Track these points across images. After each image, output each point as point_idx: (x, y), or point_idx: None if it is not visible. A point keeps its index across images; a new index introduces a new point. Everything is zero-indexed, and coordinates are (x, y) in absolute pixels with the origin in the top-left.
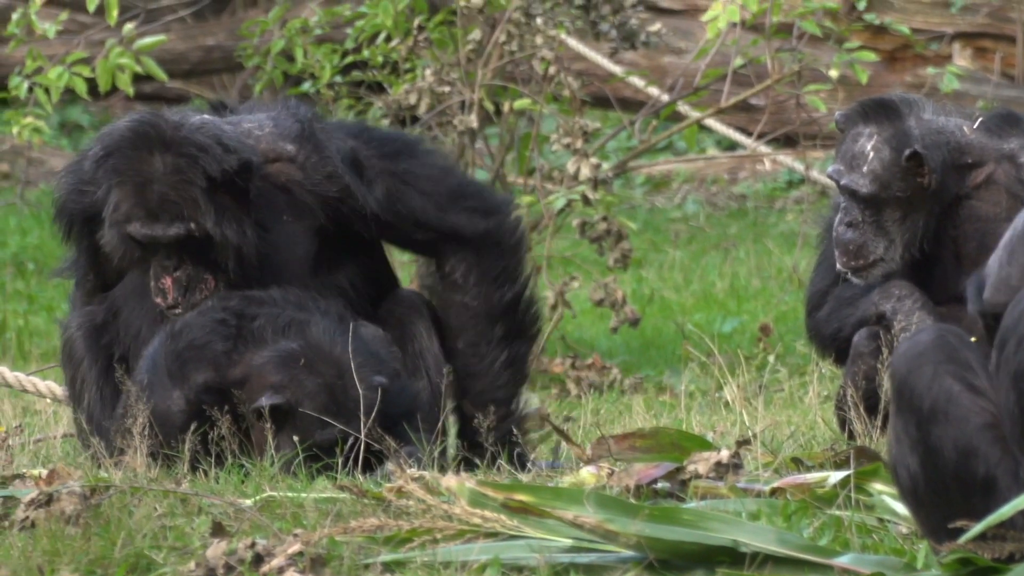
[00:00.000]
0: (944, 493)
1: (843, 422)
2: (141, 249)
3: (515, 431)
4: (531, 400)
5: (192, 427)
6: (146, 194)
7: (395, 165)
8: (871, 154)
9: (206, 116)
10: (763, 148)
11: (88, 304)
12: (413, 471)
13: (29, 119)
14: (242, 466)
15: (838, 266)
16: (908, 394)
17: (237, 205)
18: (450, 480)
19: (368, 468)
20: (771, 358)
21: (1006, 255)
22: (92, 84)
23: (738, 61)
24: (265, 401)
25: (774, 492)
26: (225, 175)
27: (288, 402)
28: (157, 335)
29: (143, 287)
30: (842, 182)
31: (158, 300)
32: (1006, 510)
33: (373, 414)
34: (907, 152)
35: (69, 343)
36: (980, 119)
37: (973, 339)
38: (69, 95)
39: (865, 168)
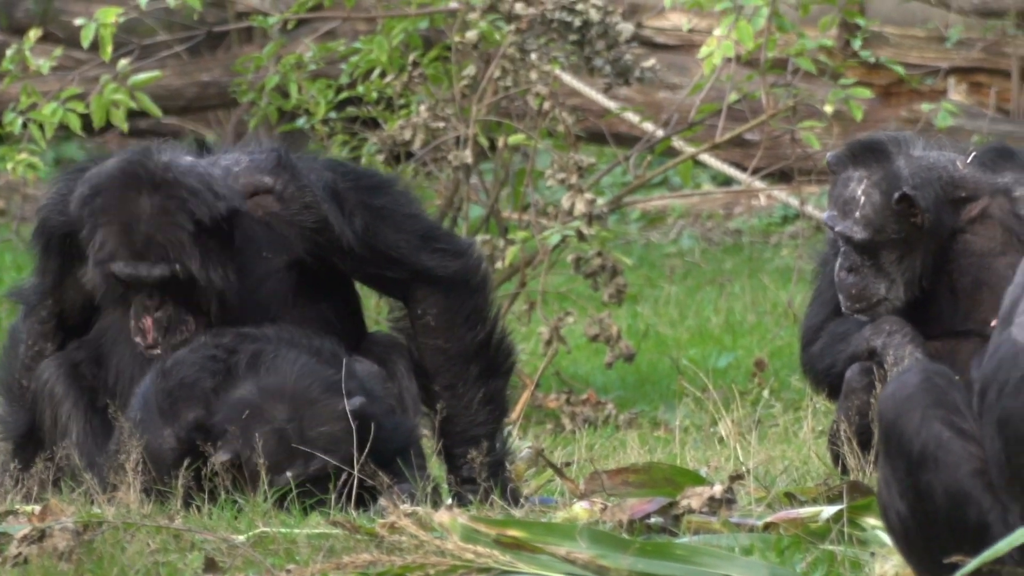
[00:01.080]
0: (935, 538)
1: (836, 457)
2: (124, 288)
3: (507, 467)
4: (521, 441)
5: (185, 463)
6: (132, 234)
7: (372, 200)
8: (862, 199)
9: (191, 158)
10: (758, 183)
11: (37, 335)
12: (406, 507)
13: (23, 155)
14: (235, 502)
15: (843, 309)
16: (896, 438)
17: (222, 249)
18: (442, 515)
19: (361, 504)
20: (766, 393)
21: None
22: (87, 120)
23: (733, 96)
24: (215, 458)
25: (767, 527)
26: (213, 221)
27: (236, 454)
28: (150, 372)
29: (128, 331)
30: (836, 228)
31: (137, 339)
32: (1001, 546)
33: (364, 448)
34: (896, 195)
35: (48, 384)
36: (974, 153)
37: (958, 378)
38: (63, 131)
39: (858, 214)
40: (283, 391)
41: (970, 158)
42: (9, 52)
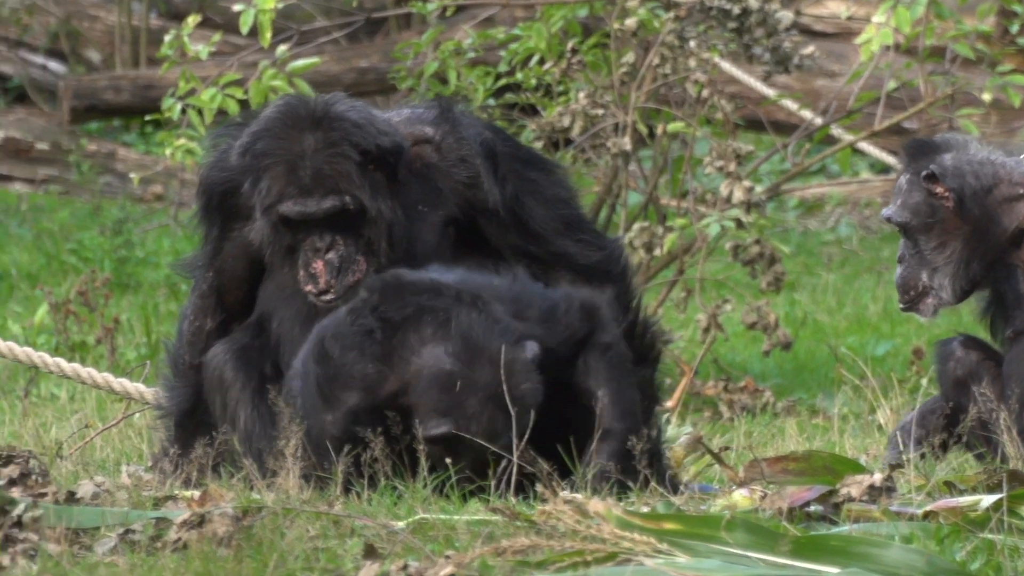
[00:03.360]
0: None
1: (995, 445)
2: (292, 233)
3: (664, 454)
4: (680, 428)
5: (345, 449)
6: (298, 171)
7: (526, 170)
8: (905, 186)
9: (355, 101)
10: None
11: (197, 310)
12: (565, 494)
13: (182, 141)
14: (395, 488)
15: (899, 306)
16: None
17: (388, 184)
18: (597, 505)
19: (521, 490)
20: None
21: None
22: (245, 106)
23: (891, 84)
24: (431, 432)
25: (927, 515)
26: (379, 150)
27: (452, 428)
28: (307, 346)
29: (292, 292)
30: (882, 214)
31: (308, 288)
32: None
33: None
34: (924, 172)
35: (218, 370)
36: None
37: None
38: (222, 117)
39: (899, 200)
40: (481, 354)
41: None
42: (168, 38)
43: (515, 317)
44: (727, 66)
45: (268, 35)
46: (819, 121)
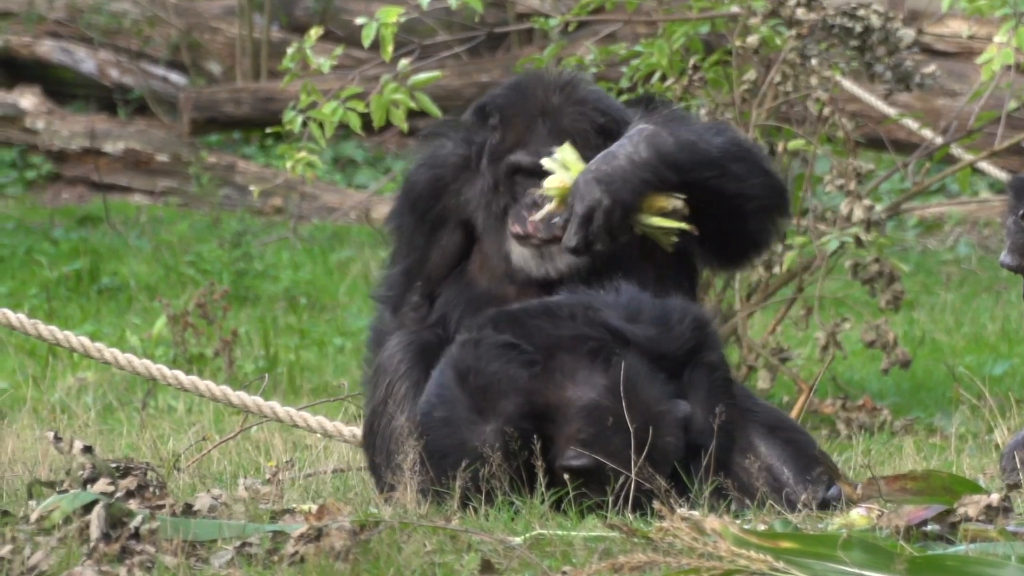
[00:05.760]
0: None
1: None
2: (514, 188)
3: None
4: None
5: (468, 466)
6: (537, 123)
7: None
8: (1012, 227)
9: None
10: None
11: (414, 323)
12: (682, 510)
13: (303, 154)
14: (512, 503)
15: None
16: None
17: None
18: (714, 522)
19: (638, 506)
20: None
21: None
22: (366, 119)
23: (1012, 104)
24: (571, 462)
25: None
26: (617, 127)
27: (592, 462)
28: (430, 386)
29: (475, 297)
30: (999, 261)
31: (515, 228)
32: None
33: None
34: (1021, 212)
35: (394, 359)
36: None
37: None
38: (343, 130)
39: (1009, 243)
40: (638, 399)
41: None
42: (290, 50)
43: (628, 321)
44: (848, 84)
45: (390, 49)
46: (939, 140)
